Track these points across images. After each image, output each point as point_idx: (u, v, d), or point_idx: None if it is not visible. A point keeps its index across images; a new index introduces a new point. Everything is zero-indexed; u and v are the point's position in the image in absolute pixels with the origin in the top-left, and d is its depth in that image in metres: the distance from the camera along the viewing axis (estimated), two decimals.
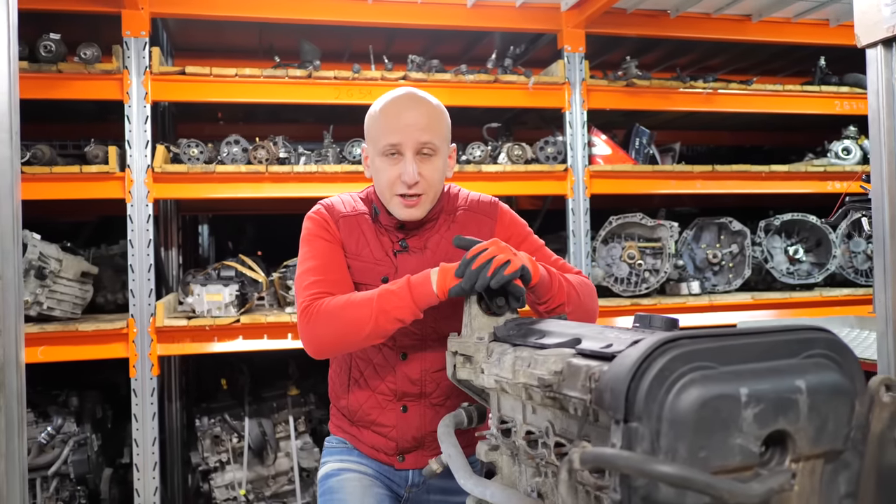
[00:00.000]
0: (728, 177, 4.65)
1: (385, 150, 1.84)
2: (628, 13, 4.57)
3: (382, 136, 1.84)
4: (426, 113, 1.85)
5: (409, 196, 1.83)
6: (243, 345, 3.96)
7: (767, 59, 5.84)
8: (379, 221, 1.94)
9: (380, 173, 1.86)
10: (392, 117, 1.84)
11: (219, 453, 4.18)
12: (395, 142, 1.81)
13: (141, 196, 3.85)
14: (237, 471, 4.16)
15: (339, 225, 1.92)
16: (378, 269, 1.90)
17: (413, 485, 1.99)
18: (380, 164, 1.86)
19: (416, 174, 1.81)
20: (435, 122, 1.86)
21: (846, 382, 1.07)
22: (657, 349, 0.99)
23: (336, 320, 1.73)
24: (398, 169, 1.82)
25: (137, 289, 3.82)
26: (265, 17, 4.24)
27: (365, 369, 1.94)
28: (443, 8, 4.36)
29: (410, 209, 1.85)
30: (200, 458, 4.18)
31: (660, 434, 0.96)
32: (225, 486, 4.15)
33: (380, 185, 1.88)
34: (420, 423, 1.94)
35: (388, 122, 1.84)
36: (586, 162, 4.42)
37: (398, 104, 1.86)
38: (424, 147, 1.83)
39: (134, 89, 3.86)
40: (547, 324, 1.51)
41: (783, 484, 0.97)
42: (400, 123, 1.82)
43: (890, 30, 2.09)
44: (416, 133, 1.81)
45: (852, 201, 2.48)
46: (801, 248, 4.91)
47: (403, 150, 1.82)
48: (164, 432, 4.76)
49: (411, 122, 1.82)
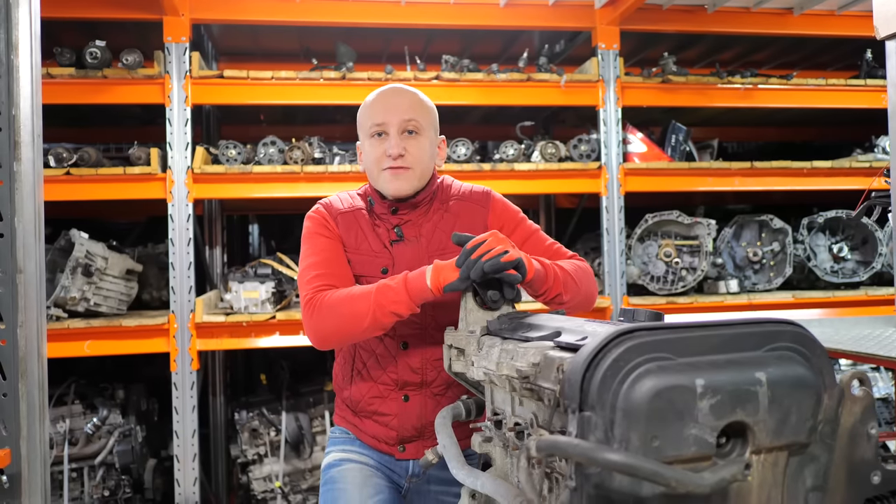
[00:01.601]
0: (767, 173, 4.57)
1: (372, 130, 1.95)
2: (664, 9, 4.53)
3: (369, 119, 1.96)
4: (409, 97, 1.98)
5: (396, 168, 1.92)
6: (279, 340, 4.06)
7: (814, 53, 5.70)
8: (374, 213, 2.01)
9: (369, 155, 1.97)
10: (378, 103, 1.97)
11: (257, 446, 4.29)
12: (381, 121, 1.93)
13: (181, 196, 3.98)
14: (274, 464, 4.26)
15: (337, 222, 1.99)
16: (377, 261, 1.96)
17: (413, 475, 2.03)
18: (368, 146, 1.97)
19: (401, 147, 1.92)
20: (418, 106, 1.97)
21: (811, 376, 1.07)
22: (612, 341, 1.01)
23: (337, 313, 1.79)
24: (384, 146, 1.93)
25: (178, 286, 3.95)
26: (302, 20, 4.34)
27: (367, 360, 1.99)
28: (475, 8, 4.39)
29: (397, 181, 1.93)
30: (239, 451, 4.30)
31: (613, 423, 0.98)
32: (263, 478, 4.25)
33: (369, 165, 1.98)
34: (421, 412, 1.98)
35: (374, 107, 1.97)
36: (621, 159, 4.39)
37: (384, 92, 2.00)
38: (408, 124, 1.94)
39: (175, 93, 3.99)
40: (537, 318, 1.53)
41: (735, 474, 0.98)
42: (385, 106, 1.95)
43: None
44: (399, 112, 1.93)
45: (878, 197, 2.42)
46: (846, 245, 4.79)
47: (388, 129, 1.93)
48: (208, 426, 4.91)
49: (395, 104, 1.95)
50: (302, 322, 1.89)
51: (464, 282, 1.64)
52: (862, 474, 1.12)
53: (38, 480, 1.68)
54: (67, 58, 3.93)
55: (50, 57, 3.98)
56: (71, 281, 3.84)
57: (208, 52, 5.02)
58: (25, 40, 1.69)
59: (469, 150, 4.34)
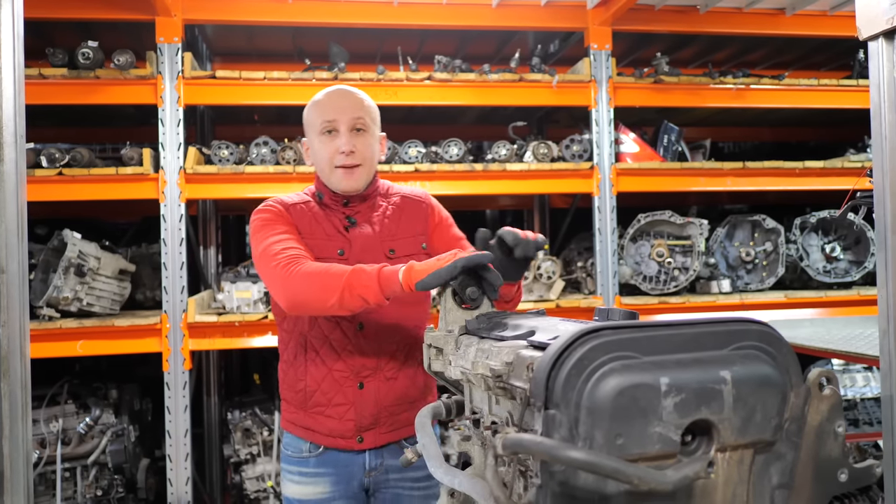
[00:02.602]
0: (760, 174, 4.58)
1: (323, 128, 2.05)
2: (656, 9, 4.53)
3: (320, 117, 2.06)
4: (356, 97, 2.11)
5: (348, 167, 2.03)
6: (272, 340, 4.07)
7: (808, 54, 5.70)
8: (325, 204, 2.11)
9: (319, 152, 2.07)
10: (327, 102, 2.09)
11: (250, 446, 4.30)
12: (332, 118, 2.04)
13: (174, 196, 3.99)
14: (267, 463, 4.27)
15: (290, 212, 2.07)
16: (332, 244, 2.05)
17: (372, 468, 2.07)
18: (318, 144, 2.07)
19: (352, 144, 2.03)
20: (364, 106, 2.10)
21: (777, 374, 1.08)
22: (577, 340, 1.01)
23: (309, 282, 1.83)
24: (335, 144, 2.04)
25: (170, 286, 3.96)
26: (296, 21, 4.35)
27: (321, 347, 2.03)
28: (468, 8, 4.40)
29: (349, 179, 2.05)
30: (232, 451, 4.31)
31: (578, 421, 0.99)
32: (255, 477, 4.26)
33: (320, 162, 2.08)
34: (376, 398, 2.03)
35: (324, 106, 2.08)
36: (613, 160, 4.40)
37: (332, 93, 2.11)
38: (357, 122, 2.05)
39: (167, 93, 4.00)
40: (514, 317, 1.54)
41: (699, 472, 0.99)
42: (335, 105, 2.07)
43: (890, 21, 2.05)
44: (349, 111, 2.05)
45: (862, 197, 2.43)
46: (839, 245, 4.80)
47: (339, 126, 2.04)
48: (203, 426, 4.92)
49: (345, 103, 2.07)
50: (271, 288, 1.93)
51: (437, 278, 1.64)
52: (829, 472, 1.13)
53: (20, 480, 1.69)
54: (60, 58, 3.93)
55: (42, 57, 3.99)
56: (63, 281, 3.85)
57: (202, 52, 5.03)
58: (8, 40, 1.70)
59: (461, 150, 4.35)
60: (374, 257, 2.02)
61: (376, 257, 2.03)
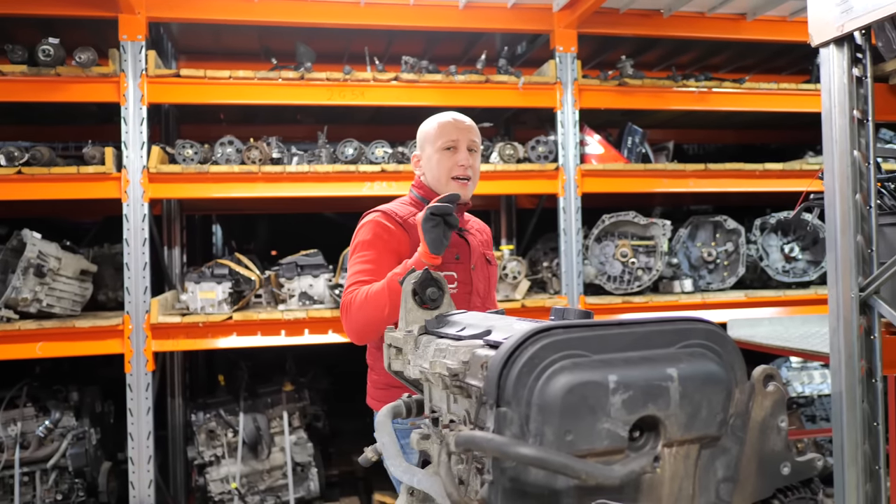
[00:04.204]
0: (721, 175, 4.66)
1: (445, 145, 2.34)
2: (621, 13, 4.59)
3: (443, 136, 2.35)
4: (472, 124, 2.43)
5: (463, 178, 2.34)
6: (237, 341, 4.05)
7: (769, 58, 5.82)
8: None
9: (439, 164, 2.34)
10: (450, 125, 2.38)
11: (214, 448, 4.27)
12: (455, 138, 2.34)
13: (136, 196, 3.95)
14: (232, 465, 4.25)
15: (404, 226, 2.26)
16: (450, 251, 2.25)
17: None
18: (438, 158, 2.35)
19: (469, 161, 2.34)
20: (478, 132, 2.42)
21: (722, 371, 1.10)
22: (529, 338, 1.03)
23: (362, 308, 2.08)
24: (455, 158, 2.33)
25: (133, 286, 3.92)
26: (261, 20, 4.33)
27: None
28: (435, 10, 4.42)
29: (464, 189, 2.34)
30: (196, 453, 4.28)
31: (529, 418, 1.01)
32: (220, 479, 4.24)
33: (438, 174, 2.35)
34: None
35: (447, 127, 2.37)
36: (578, 161, 4.45)
37: (452, 117, 2.41)
38: (473, 144, 2.37)
39: (130, 92, 3.96)
40: (472, 317, 1.56)
41: (645, 467, 1.01)
42: (457, 127, 2.37)
43: (840, 29, 2.11)
44: (468, 132, 2.37)
45: (815, 198, 2.49)
46: (797, 246, 4.90)
47: (459, 145, 2.34)
48: (166, 428, 4.87)
49: (464, 127, 2.39)
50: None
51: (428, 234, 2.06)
52: (772, 465, 1.17)
53: None
54: (19, 55, 3.88)
55: (1, 54, 3.93)
56: (22, 282, 3.79)
57: (167, 50, 4.99)
58: None
59: None
60: (479, 262, 2.37)
61: (480, 261, 2.37)
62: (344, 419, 5.67)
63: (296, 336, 4.11)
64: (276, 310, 4.15)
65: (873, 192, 2.16)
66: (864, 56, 2.18)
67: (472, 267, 2.35)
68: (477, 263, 2.36)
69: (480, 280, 2.39)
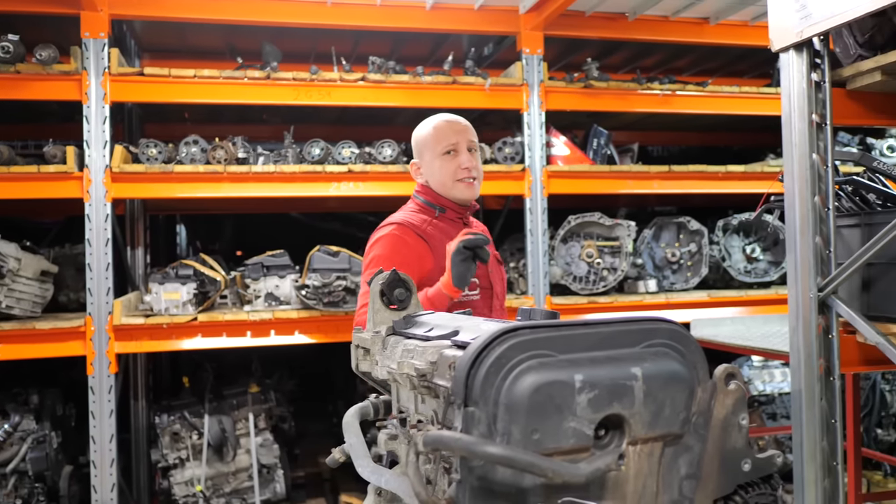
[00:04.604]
0: (685, 177, 4.73)
1: (445, 150, 2.32)
2: (587, 16, 4.64)
3: (441, 141, 2.33)
4: (467, 123, 2.41)
5: (468, 179, 2.32)
6: (202, 342, 4.01)
7: (731, 62, 5.92)
8: (447, 217, 2.36)
9: (442, 169, 2.33)
10: (446, 128, 2.36)
11: (178, 450, 4.22)
12: (454, 141, 2.32)
13: (99, 196, 3.89)
14: (196, 467, 4.20)
15: (423, 237, 2.26)
16: None
17: None
18: (440, 163, 2.33)
19: (471, 162, 2.33)
20: (474, 131, 2.41)
21: (685, 371, 1.13)
22: (496, 339, 1.05)
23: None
24: (457, 161, 2.32)
25: (95, 287, 3.86)
26: (227, 19, 4.30)
27: None
28: (402, 10, 4.42)
29: (471, 189, 2.34)
30: (160, 455, 4.23)
31: (496, 417, 1.02)
32: (184, 482, 4.19)
33: (442, 179, 2.34)
34: None
35: (443, 131, 2.35)
36: (544, 162, 4.48)
37: (447, 120, 2.38)
38: (472, 144, 2.36)
39: (92, 90, 3.90)
40: (440, 317, 1.57)
41: (610, 464, 1.03)
42: (454, 130, 2.36)
43: (799, 34, 2.15)
44: (465, 134, 2.36)
45: (776, 200, 2.55)
46: (759, 247, 4.99)
47: (459, 147, 2.33)
48: (130, 431, 4.81)
49: (460, 129, 2.36)
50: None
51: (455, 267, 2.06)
52: (733, 462, 1.19)
53: None
54: None
55: None
56: None
57: (130, 48, 4.92)
58: None
59: (395, 151, 4.36)
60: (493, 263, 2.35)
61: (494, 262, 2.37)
62: (310, 420, 5.65)
63: (262, 337, 4.08)
64: (241, 311, 4.12)
65: (831, 195, 2.21)
66: (822, 61, 2.23)
67: (490, 271, 2.35)
68: (492, 266, 2.37)
69: (497, 282, 2.41)
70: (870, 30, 2.25)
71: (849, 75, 2.28)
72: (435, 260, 2.23)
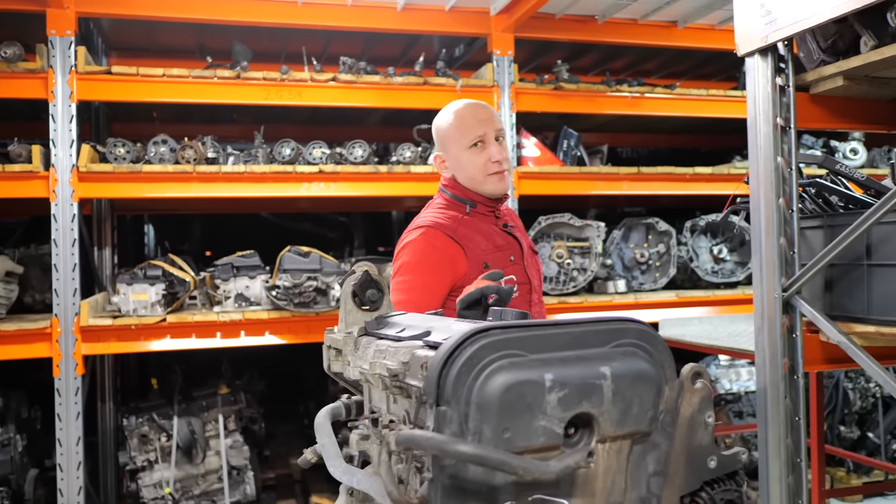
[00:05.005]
0: (653, 178, 4.79)
1: (472, 142, 2.16)
2: (557, 18, 4.67)
3: (467, 133, 2.16)
4: (490, 110, 2.25)
5: (500, 172, 2.17)
6: (171, 344, 3.98)
7: (699, 65, 6.00)
8: (478, 212, 2.21)
9: (469, 163, 2.17)
10: (470, 118, 2.19)
11: (147, 452, 4.19)
12: (481, 133, 2.15)
13: (65, 195, 3.84)
14: (165, 470, 4.17)
15: (455, 236, 2.11)
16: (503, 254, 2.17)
17: None
18: (467, 156, 2.17)
19: (501, 153, 2.17)
20: (497, 117, 2.25)
21: (653, 370, 1.15)
22: (468, 339, 1.06)
23: None
24: (486, 154, 2.15)
25: (62, 288, 3.81)
26: (197, 18, 4.26)
27: None
28: (373, 11, 4.42)
29: (503, 182, 2.19)
30: (128, 458, 4.18)
31: (468, 417, 1.03)
32: (153, 485, 4.15)
33: (472, 174, 2.18)
34: None
35: (468, 122, 2.18)
36: (515, 163, 4.51)
37: (469, 108, 2.21)
38: (499, 133, 2.19)
39: (59, 88, 3.85)
40: (412, 318, 1.58)
41: (579, 462, 1.05)
42: (479, 119, 2.18)
43: (764, 39, 2.20)
44: (491, 124, 2.18)
45: (742, 202, 2.59)
46: (726, 247, 5.07)
47: (487, 139, 2.16)
48: (97, 433, 4.75)
49: (486, 117, 2.19)
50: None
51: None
52: (700, 459, 1.22)
53: None
54: None
55: None
56: None
57: (98, 46, 4.86)
58: None
59: (366, 151, 4.36)
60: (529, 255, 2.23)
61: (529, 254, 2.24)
62: (281, 421, 5.62)
63: (232, 338, 4.06)
64: (211, 311, 4.09)
65: (795, 197, 2.26)
66: (786, 66, 2.28)
67: (526, 265, 2.23)
68: (528, 259, 2.24)
69: (535, 275, 2.27)
70: (832, 36, 2.31)
71: (812, 80, 2.33)
72: (469, 261, 2.11)
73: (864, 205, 2.26)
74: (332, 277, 4.11)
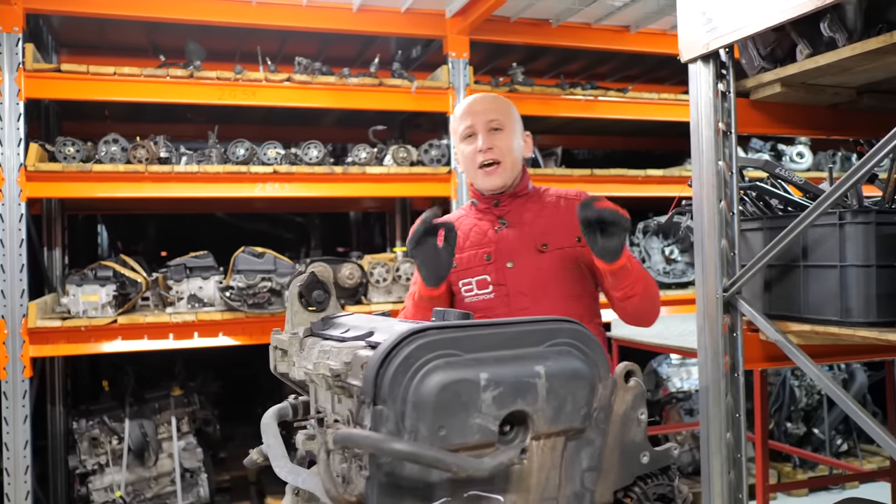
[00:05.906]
0: (607, 180, 4.86)
1: (463, 134, 2.16)
2: (512, 21, 4.72)
3: (460, 125, 2.17)
4: (491, 100, 2.22)
5: (487, 165, 2.12)
6: (122, 345, 3.93)
7: (652, 69, 6.10)
8: (480, 209, 2.21)
9: (464, 157, 2.18)
10: (465, 110, 2.18)
11: (97, 456, 4.13)
12: (469, 124, 2.14)
13: (13, 195, 3.77)
14: (116, 473, 4.12)
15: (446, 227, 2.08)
16: (480, 252, 2.12)
17: None
18: (461, 148, 2.18)
19: (489, 142, 2.12)
20: (500, 106, 2.19)
21: (586, 369, 1.19)
22: (405, 339, 1.08)
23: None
24: (475, 145, 2.13)
25: (9, 289, 3.74)
26: (149, 16, 4.22)
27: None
28: (329, 11, 4.41)
29: (491, 177, 2.13)
30: (78, 462, 4.12)
31: (404, 415, 1.06)
32: (104, 488, 4.10)
33: (466, 167, 2.19)
34: None
35: (462, 114, 2.18)
36: None
37: (469, 101, 2.22)
38: (492, 123, 2.13)
39: (6, 86, 3.78)
40: (357, 319, 1.60)
41: (512, 458, 1.08)
42: (471, 110, 2.17)
43: (706, 46, 2.26)
44: (483, 114, 2.14)
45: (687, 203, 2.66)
46: (677, 248, 5.17)
47: (476, 129, 2.14)
48: (46, 437, 4.66)
49: (479, 108, 2.17)
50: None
51: (410, 245, 1.96)
52: (633, 455, 1.26)
53: None
54: None
55: None
56: None
57: (47, 44, 4.78)
58: None
59: (321, 152, 4.35)
60: (523, 255, 2.09)
61: (525, 254, 2.09)
62: (237, 423, 5.57)
63: (185, 339, 4.02)
64: (163, 313, 4.05)
65: (736, 200, 2.32)
66: (728, 72, 2.34)
67: (510, 264, 2.08)
68: (519, 258, 2.08)
69: (525, 276, 2.08)
70: (771, 43, 2.38)
71: (752, 86, 2.40)
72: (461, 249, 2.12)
73: (801, 208, 2.34)
74: (286, 278, 4.10)
